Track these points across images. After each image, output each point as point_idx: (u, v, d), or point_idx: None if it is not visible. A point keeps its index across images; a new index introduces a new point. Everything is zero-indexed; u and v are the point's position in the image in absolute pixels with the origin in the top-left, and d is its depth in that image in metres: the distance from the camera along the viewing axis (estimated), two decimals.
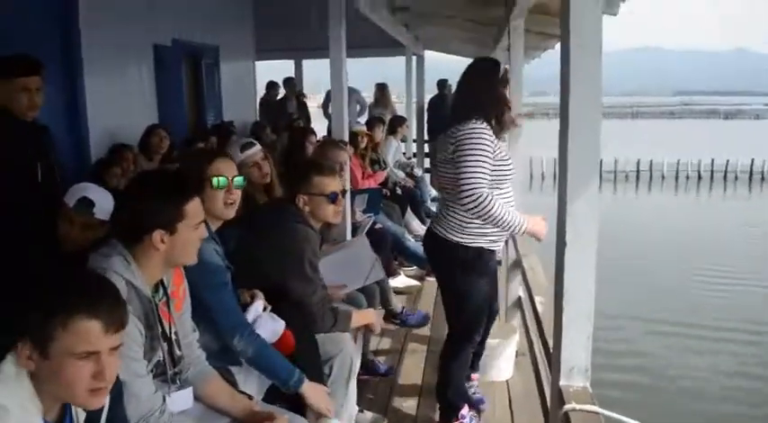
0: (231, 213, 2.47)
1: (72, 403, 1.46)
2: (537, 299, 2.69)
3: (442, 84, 10.53)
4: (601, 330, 1.68)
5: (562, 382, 1.68)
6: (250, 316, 2.49)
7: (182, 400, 2.02)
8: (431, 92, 11.34)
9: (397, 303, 4.73)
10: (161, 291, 1.96)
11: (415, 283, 5.53)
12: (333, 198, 2.96)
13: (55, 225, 2.69)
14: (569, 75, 1.67)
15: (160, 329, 1.92)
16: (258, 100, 10.00)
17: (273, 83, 10.50)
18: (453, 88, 9.11)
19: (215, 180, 2.39)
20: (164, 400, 1.89)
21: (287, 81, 10.53)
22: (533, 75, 5.18)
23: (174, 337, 2.00)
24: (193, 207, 1.91)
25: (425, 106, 11.28)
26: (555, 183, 21.47)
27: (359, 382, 3.20)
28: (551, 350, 1.87)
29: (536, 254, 3.63)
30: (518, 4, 4.19)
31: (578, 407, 1.55)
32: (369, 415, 3.33)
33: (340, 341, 2.88)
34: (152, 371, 1.91)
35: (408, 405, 3.58)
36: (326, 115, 10.23)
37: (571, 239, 1.66)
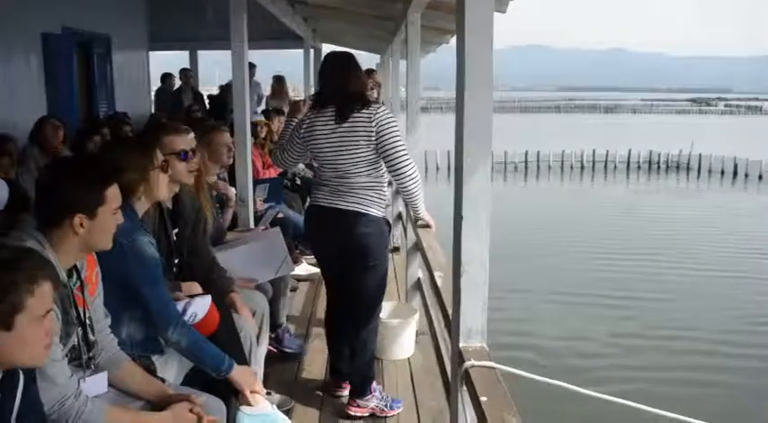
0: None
1: (28, 364, 1.56)
2: (436, 273, 2.87)
3: None
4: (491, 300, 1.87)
5: (461, 344, 1.85)
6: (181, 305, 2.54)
7: (96, 384, 2.05)
8: None
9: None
10: (75, 276, 1.98)
11: (316, 270, 5.62)
12: (183, 156, 2.85)
13: None
14: (464, 66, 1.82)
15: (75, 314, 1.95)
16: (153, 91, 9.76)
17: (168, 74, 10.27)
18: None
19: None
20: (79, 384, 1.91)
21: (183, 72, 10.33)
22: (425, 70, 5.40)
23: (88, 322, 2.02)
24: (113, 192, 1.95)
25: None
26: (449, 174, 22.28)
27: (268, 357, 3.31)
28: (450, 317, 2.04)
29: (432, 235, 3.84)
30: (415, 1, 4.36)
31: (477, 363, 1.72)
32: (276, 397, 3.41)
33: (242, 320, 2.95)
34: (67, 355, 1.93)
35: (315, 386, 3.68)
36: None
37: (467, 214, 1.82)
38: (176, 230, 2.99)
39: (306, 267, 5.57)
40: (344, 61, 3.28)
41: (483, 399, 1.58)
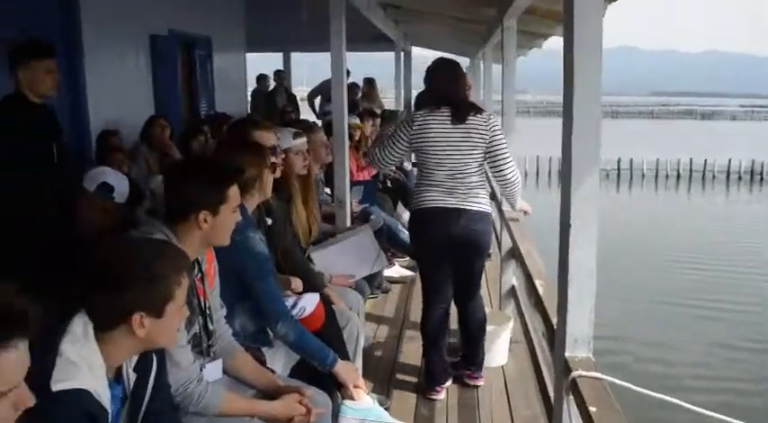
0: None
1: (162, 347, 1.70)
2: (537, 282, 2.87)
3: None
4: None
5: (567, 353, 1.85)
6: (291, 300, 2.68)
7: (214, 371, 2.17)
8: (416, 87, 11.52)
9: None
10: (196, 268, 2.11)
11: (409, 273, 5.69)
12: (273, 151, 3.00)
13: (71, 204, 2.82)
14: (573, 68, 1.81)
15: (197, 304, 2.08)
16: (249, 92, 10.10)
17: (263, 75, 10.61)
18: None
19: None
20: (201, 369, 2.04)
21: (277, 73, 10.64)
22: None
23: (207, 311, 2.15)
24: (234, 192, 2.07)
25: (412, 101, 11.42)
26: (538, 179, 21.87)
27: None
28: (555, 326, 2.04)
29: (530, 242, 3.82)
30: (513, 5, 4.35)
31: (585, 373, 1.73)
32: (374, 396, 3.49)
33: (347, 315, 3.05)
34: (189, 342, 2.06)
35: (410, 387, 3.73)
36: (311, 106, 10.37)
37: (575, 222, 1.83)
38: (270, 225, 3.14)
39: (398, 270, 5.63)
40: (454, 67, 3.44)
41: (592, 409, 1.58)
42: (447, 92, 3.29)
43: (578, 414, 1.76)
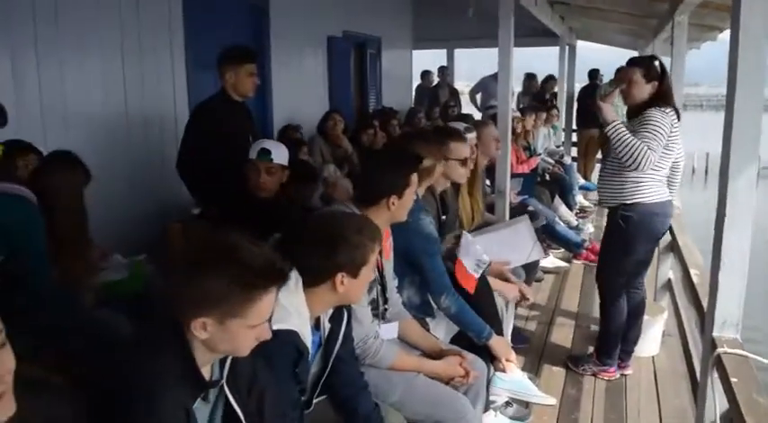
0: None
1: (354, 302, 2.05)
2: (692, 271, 2.94)
3: (594, 74, 10.52)
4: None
5: (715, 333, 1.97)
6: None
7: (389, 331, 2.50)
8: (579, 81, 11.38)
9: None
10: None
11: (563, 264, 5.80)
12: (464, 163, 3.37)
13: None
14: (737, 62, 1.91)
15: (376, 273, 2.42)
16: (414, 87, 10.51)
17: (427, 71, 10.97)
18: (604, 78, 9.08)
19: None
20: (378, 328, 2.38)
21: (441, 69, 10.95)
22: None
23: (384, 280, 2.49)
24: (415, 177, 2.40)
25: (575, 96, 11.31)
26: (707, 179, 20.28)
27: None
28: (705, 308, 2.15)
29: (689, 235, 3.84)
30: (685, 2, 4.33)
31: (729, 350, 1.85)
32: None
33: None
34: (369, 305, 2.41)
35: (559, 367, 3.90)
36: (473, 101, 10.58)
37: (730, 211, 1.94)
38: (444, 217, 3.45)
39: (552, 260, 5.76)
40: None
41: (733, 380, 1.72)
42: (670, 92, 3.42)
43: (722, 389, 1.88)
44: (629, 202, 3.42)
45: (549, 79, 10.87)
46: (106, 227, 3.24)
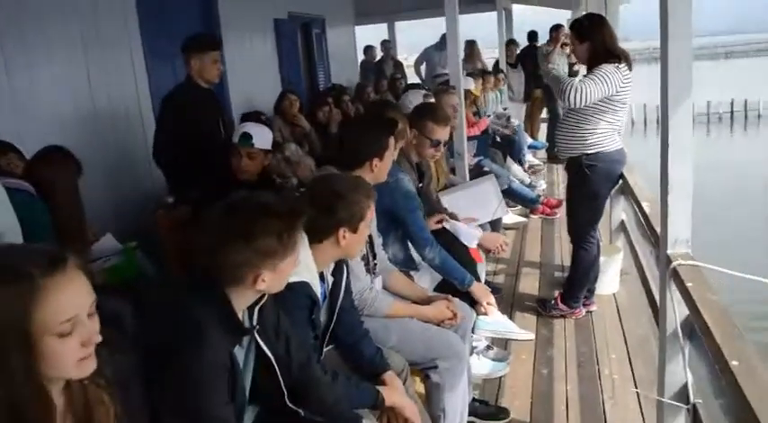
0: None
1: (352, 257, 2.29)
2: (644, 203, 3.25)
3: (533, 35, 10.82)
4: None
5: (669, 251, 2.26)
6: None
7: (378, 284, 2.74)
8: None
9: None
10: None
11: (522, 219, 6.13)
12: (435, 144, 3.50)
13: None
14: (666, 7, 2.15)
15: None
16: (359, 63, 10.67)
17: (370, 46, 11.14)
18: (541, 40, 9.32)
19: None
20: (372, 281, 2.61)
21: (383, 43, 11.13)
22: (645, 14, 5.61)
23: (370, 238, 2.71)
24: (392, 140, 2.62)
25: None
26: (646, 129, 20.81)
27: None
28: (659, 232, 2.44)
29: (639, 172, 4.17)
30: None
31: (683, 262, 2.14)
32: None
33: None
34: (360, 261, 2.63)
35: (530, 311, 4.21)
36: (417, 73, 10.81)
37: (672, 141, 2.21)
38: (421, 185, 3.69)
39: (512, 217, 6.06)
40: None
41: (689, 284, 2.01)
42: (616, 45, 3.65)
43: (680, 298, 2.17)
44: (590, 151, 3.69)
45: (509, 44, 11.11)
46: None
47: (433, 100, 4.11)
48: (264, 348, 1.80)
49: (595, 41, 3.64)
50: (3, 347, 1.10)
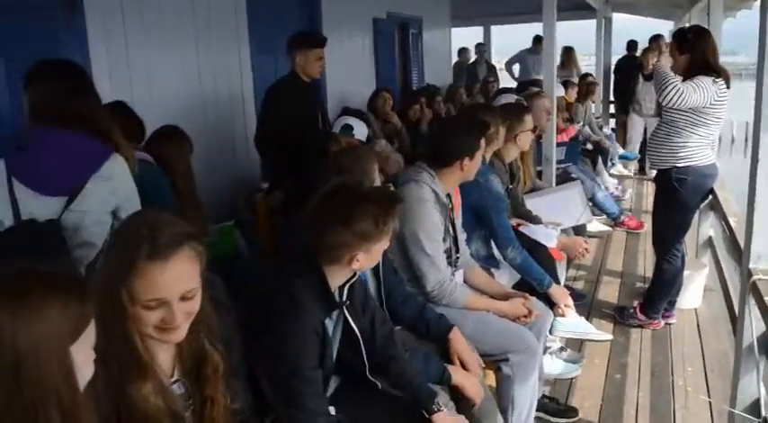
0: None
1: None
2: (731, 218, 3.23)
3: (633, 45, 10.61)
4: None
5: (751, 265, 2.28)
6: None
7: (458, 277, 2.86)
8: (616, 53, 11.48)
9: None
10: (449, 200, 2.81)
11: (607, 228, 6.10)
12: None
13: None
14: (766, 30, 2.18)
15: (449, 226, 2.77)
16: (452, 64, 10.78)
17: (464, 48, 11.23)
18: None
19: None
20: (452, 273, 2.74)
21: (478, 46, 11.19)
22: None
23: (455, 232, 2.84)
24: (483, 141, 2.74)
25: (612, 67, 11.41)
26: (746, 147, 19.99)
27: None
28: (743, 246, 2.46)
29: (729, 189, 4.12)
30: None
31: (764, 277, 2.16)
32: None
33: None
34: (444, 253, 2.76)
35: (608, 319, 4.22)
36: (509, 71, 10.81)
37: (762, 155, 2.23)
38: (510, 186, 3.82)
39: (596, 225, 6.03)
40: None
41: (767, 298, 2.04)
42: (716, 61, 3.65)
43: (758, 313, 2.19)
44: (680, 164, 3.68)
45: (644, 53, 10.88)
46: None
47: (525, 104, 4.20)
48: (351, 322, 1.97)
49: (696, 54, 3.62)
50: (105, 306, 1.29)
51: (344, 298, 1.94)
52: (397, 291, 2.45)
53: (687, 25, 8.85)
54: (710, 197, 4.08)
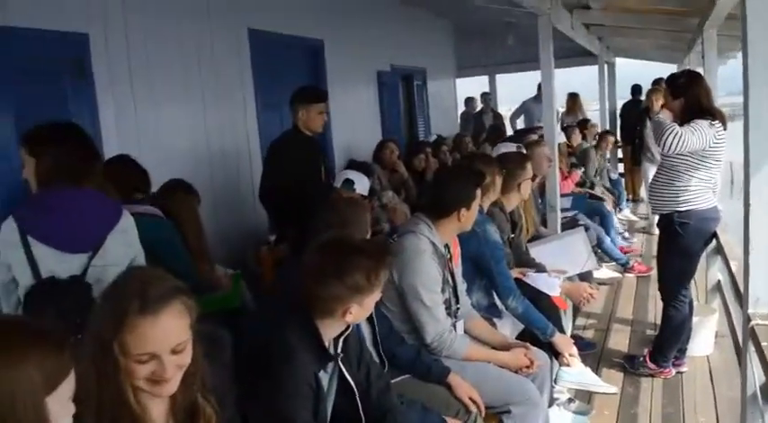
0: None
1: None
2: (732, 262, 3.22)
3: (637, 89, 10.69)
4: None
5: (750, 310, 2.26)
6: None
7: (459, 328, 2.85)
8: (621, 98, 11.58)
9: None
10: (447, 250, 2.82)
11: (616, 275, 6.05)
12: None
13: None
14: (748, 69, 2.20)
15: (448, 276, 2.77)
16: (459, 114, 10.93)
17: (471, 98, 11.37)
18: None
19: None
20: (453, 324, 2.73)
21: (483, 95, 11.33)
22: (729, 75, 5.50)
23: (454, 283, 2.85)
24: (479, 191, 2.77)
25: (617, 112, 11.48)
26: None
27: None
28: (742, 291, 2.44)
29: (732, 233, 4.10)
30: (712, 15, 4.61)
31: (761, 322, 2.14)
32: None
33: None
34: (443, 304, 2.75)
35: (617, 368, 4.15)
36: (513, 127, 10.90)
37: (753, 200, 2.23)
38: (512, 235, 3.83)
39: (606, 272, 6.00)
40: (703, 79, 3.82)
41: (764, 344, 2.01)
42: (711, 104, 3.70)
43: (758, 360, 2.17)
44: (682, 208, 3.68)
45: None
46: None
47: (524, 152, 4.24)
48: (347, 375, 1.97)
49: (689, 98, 3.66)
50: (98, 359, 1.34)
51: (339, 350, 1.95)
52: (392, 333, 2.49)
53: (689, 67, 8.96)
54: (714, 241, 4.06)
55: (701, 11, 5.03)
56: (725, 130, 3.62)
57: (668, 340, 3.95)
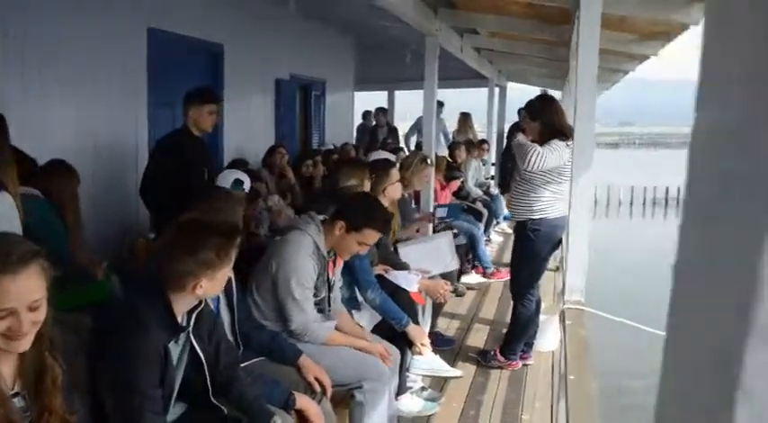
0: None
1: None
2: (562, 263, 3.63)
3: (521, 112, 11.31)
4: None
5: (566, 297, 2.63)
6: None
7: (331, 323, 3.05)
8: (509, 120, 12.26)
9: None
10: (332, 253, 3.03)
11: (484, 280, 6.48)
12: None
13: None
14: (576, 108, 2.61)
15: (327, 277, 2.99)
16: (355, 126, 11.24)
17: (368, 111, 11.71)
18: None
19: None
20: (319, 317, 2.94)
21: (378, 110, 11.69)
22: (622, 104, 6.06)
23: (332, 284, 3.06)
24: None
25: (505, 132, 12.12)
26: (631, 209, 21.52)
27: None
28: (563, 283, 2.81)
29: None
30: (573, 49, 5.09)
31: (571, 306, 2.50)
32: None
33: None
34: (317, 305, 2.96)
35: (472, 361, 4.50)
36: (407, 144, 11.32)
37: (573, 214, 2.62)
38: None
39: (475, 277, 6.41)
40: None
41: (568, 322, 2.37)
42: (564, 123, 4.09)
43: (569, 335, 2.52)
44: (535, 217, 4.07)
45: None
46: None
47: (391, 159, 4.57)
48: (197, 347, 2.14)
49: (545, 119, 4.08)
50: None
51: (191, 323, 2.12)
52: (249, 319, 2.67)
53: (568, 96, 9.64)
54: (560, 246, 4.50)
55: (566, 42, 5.53)
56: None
57: (516, 335, 4.33)
